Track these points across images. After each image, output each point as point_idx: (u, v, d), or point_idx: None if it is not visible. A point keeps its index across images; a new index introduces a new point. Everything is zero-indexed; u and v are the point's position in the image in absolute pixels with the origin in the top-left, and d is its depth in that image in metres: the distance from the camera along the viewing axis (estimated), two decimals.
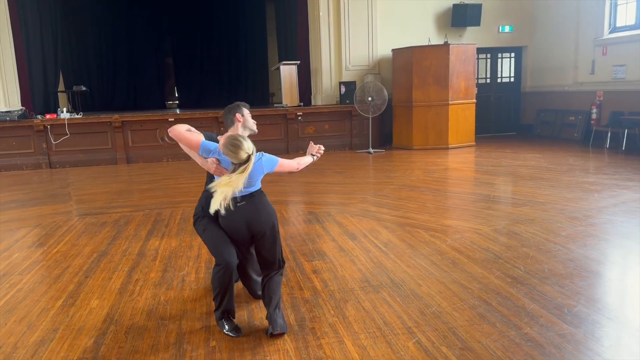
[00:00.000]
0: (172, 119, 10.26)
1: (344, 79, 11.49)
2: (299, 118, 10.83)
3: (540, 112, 12.40)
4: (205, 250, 4.42)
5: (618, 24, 10.26)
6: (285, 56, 13.64)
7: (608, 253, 4.13)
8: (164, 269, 4.02)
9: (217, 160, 2.81)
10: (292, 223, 5.33)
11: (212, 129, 10.47)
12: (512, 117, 13.15)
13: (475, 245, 4.28)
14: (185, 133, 2.85)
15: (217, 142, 2.87)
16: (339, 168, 8.82)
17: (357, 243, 4.50)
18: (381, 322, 2.99)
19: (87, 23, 14.64)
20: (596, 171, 7.46)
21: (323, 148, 3.26)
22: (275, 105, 12.45)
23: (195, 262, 4.15)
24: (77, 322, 3.14)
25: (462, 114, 10.77)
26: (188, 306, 3.32)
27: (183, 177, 8.40)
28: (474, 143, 10.97)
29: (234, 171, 2.68)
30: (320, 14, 11.40)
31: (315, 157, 3.23)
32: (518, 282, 3.48)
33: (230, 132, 2.98)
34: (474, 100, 10.95)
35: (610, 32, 10.37)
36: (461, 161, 9.19)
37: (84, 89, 12.53)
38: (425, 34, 11.68)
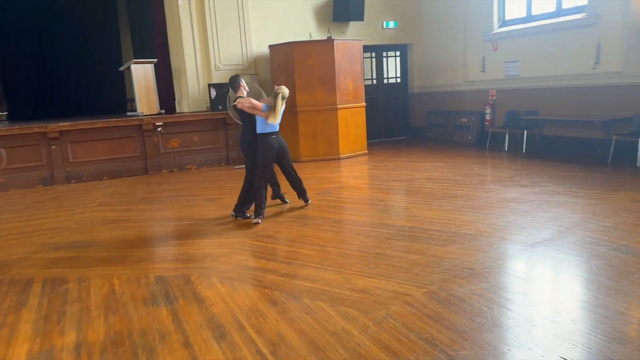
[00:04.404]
0: None
1: (214, 81, 9.60)
2: (159, 129, 8.75)
3: (430, 114, 11.57)
4: None
5: (507, 17, 9.61)
6: (141, 55, 11.39)
7: (606, 333, 2.83)
8: None
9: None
10: (121, 307, 3.37)
11: (39, 147, 8.06)
12: (401, 121, 12.21)
13: (412, 334, 2.75)
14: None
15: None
16: (211, 193, 6.97)
17: (227, 350, 2.73)
18: None
19: None
20: (511, 182, 6.46)
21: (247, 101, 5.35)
22: (128, 114, 10.12)
23: None
24: None
25: (352, 119, 9.47)
26: None
27: (8, 211, 5.97)
28: (366, 151, 9.74)
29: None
30: (180, 3, 9.40)
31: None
32: None
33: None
34: (364, 104, 9.72)
35: (500, 26, 9.70)
36: (357, 175, 7.83)
37: None
38: (305, 29, 10.24)
